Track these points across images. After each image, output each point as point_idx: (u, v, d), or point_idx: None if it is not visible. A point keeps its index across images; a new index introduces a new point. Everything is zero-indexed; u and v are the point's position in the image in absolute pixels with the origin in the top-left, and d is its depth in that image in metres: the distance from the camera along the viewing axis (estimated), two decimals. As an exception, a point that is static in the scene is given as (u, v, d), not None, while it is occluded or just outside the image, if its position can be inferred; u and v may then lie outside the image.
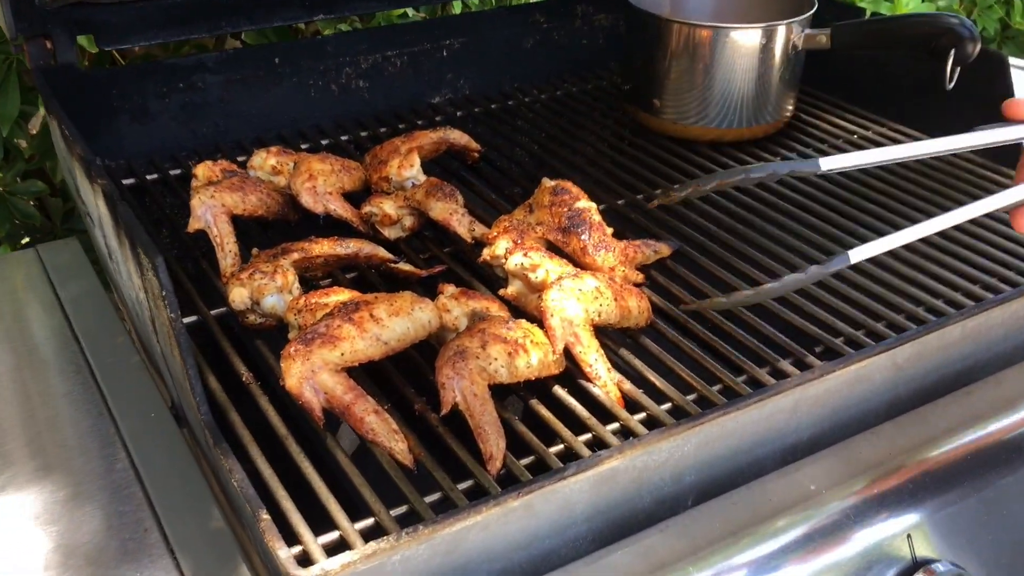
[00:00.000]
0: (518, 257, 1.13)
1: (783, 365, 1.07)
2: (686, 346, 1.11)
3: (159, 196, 1.45)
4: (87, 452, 1.07)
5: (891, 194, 1.43)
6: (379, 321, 1.01)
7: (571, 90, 1.83)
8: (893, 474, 1.05)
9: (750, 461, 1.03)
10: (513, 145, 1.63)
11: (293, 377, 0.95)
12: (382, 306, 1.03)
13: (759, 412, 1.00)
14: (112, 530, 0.97)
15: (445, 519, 0.83)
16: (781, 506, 0.99)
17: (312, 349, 0.97)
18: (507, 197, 1.45)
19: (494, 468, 0.93)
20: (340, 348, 0.98)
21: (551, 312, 1.04)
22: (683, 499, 1.00)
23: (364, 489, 0.90)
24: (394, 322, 1.02)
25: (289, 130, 1.63)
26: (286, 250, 1.18)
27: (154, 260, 0.93)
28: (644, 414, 1.01)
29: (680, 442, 0.95)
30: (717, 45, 1.52)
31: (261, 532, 0.82)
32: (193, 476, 1.04)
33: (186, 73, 1.56)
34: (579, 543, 0.94)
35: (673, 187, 1.12)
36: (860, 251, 1.03)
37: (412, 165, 1.38)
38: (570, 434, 0.97)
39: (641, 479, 0.95)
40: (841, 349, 1.09)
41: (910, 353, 1.10)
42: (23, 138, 1.97)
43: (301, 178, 1.33)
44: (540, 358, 1.03)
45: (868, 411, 1.11)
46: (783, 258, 1.27)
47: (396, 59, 1.74)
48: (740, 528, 0.96)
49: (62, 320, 1.29)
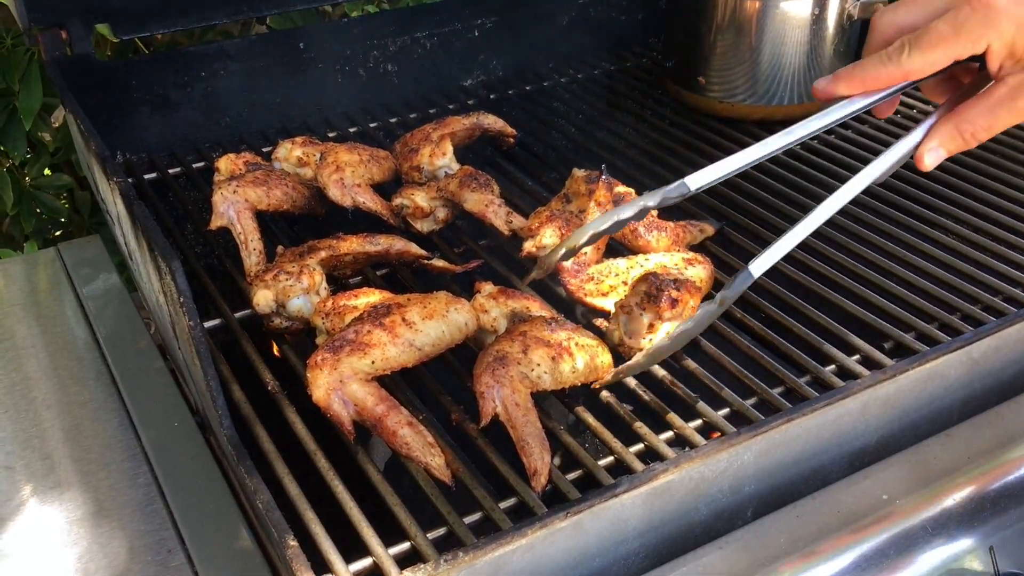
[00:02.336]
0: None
1: (850, 363, 0.99)
2: (743, 344, 1.03)
3: (182, 191, 1.40)
4: (108, 465, 1.02)
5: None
6: (412, 325, 0.94)
7: (609, 69, 1.75)
8: (971, 480, 0.97)
9: (814, 468, 0.96)
10: (549, 129, 1.56)
11: (320, 388, 0.89)
12: (415, 308, 0.96)
13: (825, 416, 0.93)
14: (134, 551, 0.91)
15: (487, 544, 0.77)
16: (851, 517, 0.92)
17: (340, 357, 0.90)
18: (544, 184, 1.38)
19: (539, 484, 0.86)
20: (371, 356, 0.91)
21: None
22: (742, 511, 0.93)
23: (398, 509, 0.84)
24: (428, 325, 0.95)
25: (315, 118, 1.58)
26: (313, 248, 1.11)
27: (171, 264, 0.87)
28: (700, 421, 0.94)
29: (740, 451, 0.88)
30: (766, 16, 1.44)
31: (288, 560, 0.76)
32: (219, 491, 0.98)
33: (207, 61, 1.51)
34: (631, 560, 0.87)
35: (545, 256, 1.00)
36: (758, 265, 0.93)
37: (444, 153, 1.31)
38: (620, 445, 0.90)
39: (698, 491, 0.88)
40: (913, 345, 1.01)
41: (987, 347, 1.02)
42: (47, 131, 1.93)
43: (328, 170, 1.26)
44: (587, 362, 0.95)
45: (940, 410, 1.03)
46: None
47: (426, 41, 1.67)
48: (807, 543, 0.89)
49: (83, 323, 1.24)
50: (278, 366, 1.03)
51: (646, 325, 1.01)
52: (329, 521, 0.82)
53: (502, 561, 0.78)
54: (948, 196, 1.31)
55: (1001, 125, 0.88)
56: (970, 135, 0.89)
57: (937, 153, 0.90)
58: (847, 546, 0.89)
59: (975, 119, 0.88)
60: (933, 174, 1.35)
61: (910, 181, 1.34)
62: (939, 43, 0.84)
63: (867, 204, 1.29)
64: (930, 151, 0.90)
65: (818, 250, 1.19)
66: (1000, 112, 0.87)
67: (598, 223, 0.91)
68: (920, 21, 0.86)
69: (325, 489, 0.87)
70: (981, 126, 0.88)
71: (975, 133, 0.88)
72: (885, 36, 0.88)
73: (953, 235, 1.22)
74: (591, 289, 1.09)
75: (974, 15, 0.82)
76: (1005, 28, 0.81)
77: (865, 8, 1.44)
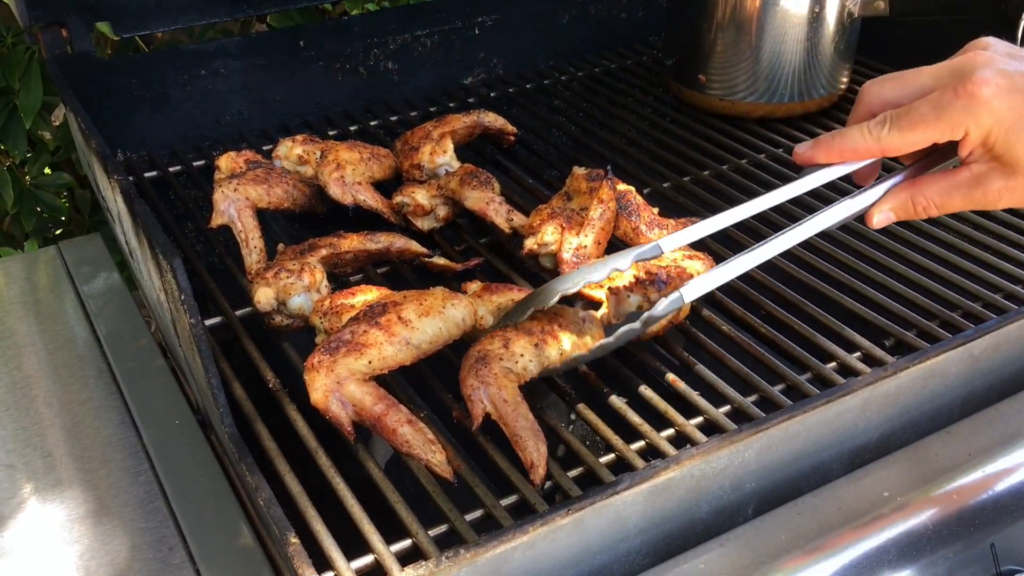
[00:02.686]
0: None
1: (851, 360, 0.99)
2: (744, 341, 1.03)
3: (182, 189, 1.40)
4: (109, 463, 1.02)
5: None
6: (408, 323, 0.94)
7: (610, 67, 1.75)
8: (972, 477, 0.96)
9: (815, 465, 0.96)
10: (550, 127, 1.56)
11: (318, 391, 0.89)
12: (411, 306, 0.95)
13: (826, 413, 0.92)
14: (135, 549, 0.91)
15: (488, 541, 0.77)
16: (852, 515, 0.92)
17: (337, 359, 0.90)
18: (545, 182, 1.38)
19: (537, 476, 0.86)
20: (367, 356, 0.91)
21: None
22: (743, 507, 0.93)
23: (400, 507, 0.84)
24: (424, 323, 0.95)
25: (316, 116, 1.58)
26: (313, 246, 1.11)
27: (172, 262, 0.87)
28: (701, 418, 0.94)
29: (741, 448, 0.88)
30: (766, 14, 1.43)
31: (290, 558, 0.76)
32: (220, 488, 0.98)
33: (207, 59, 1.51)
34: (632, 558, 0.87)
35: (511, 314, 0.99)
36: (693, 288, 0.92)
37: (445, 151, 1.31)
38: (621, 442, 0.90)
39: (699, 488, 0.88)
40: (914, 342, 1.01)
41: (988, 345, 1.02)
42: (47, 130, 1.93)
43: (329, 168, 1.26)
44: (573, 341, 0.95)
45: (941, 407, 1.03)
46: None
47: (426, 39, 1.67)
48: (808, 540, 0.89)
49: (84, 322, 1.24)
50: (279, 364, 1.03)
51: (635, 306, 1.00)
52: (330, 520, 0.82)
53: (503, 558, 0.77)
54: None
55: (954, 207, 0.89)
56: (922, 208, 0.90)
57: (887, 216, 0.92)
58: (848, 543, 0.89)
59: (931, 196, 0.89)
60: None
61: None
62: (919, 124, 0.84)
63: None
64: (881, 213, 0.92)
65: (819, 247, 1.19)
66: (955, 196, 0.88)
67: (565, 282, 0.93)
68: (906, 98, 0.86)
69: (326, 486, 0.87)
70: (934, 203, 0.89)
71: (927, 208, 0.90)
72: (871, 108, 0.89)
73: (954, 232, 1.22)
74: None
75: (957, 101, 0.82)
76: (984, 119, 0.81)
77: (865, 6, 1.44)
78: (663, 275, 1.01)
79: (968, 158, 0.85)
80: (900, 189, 0.91)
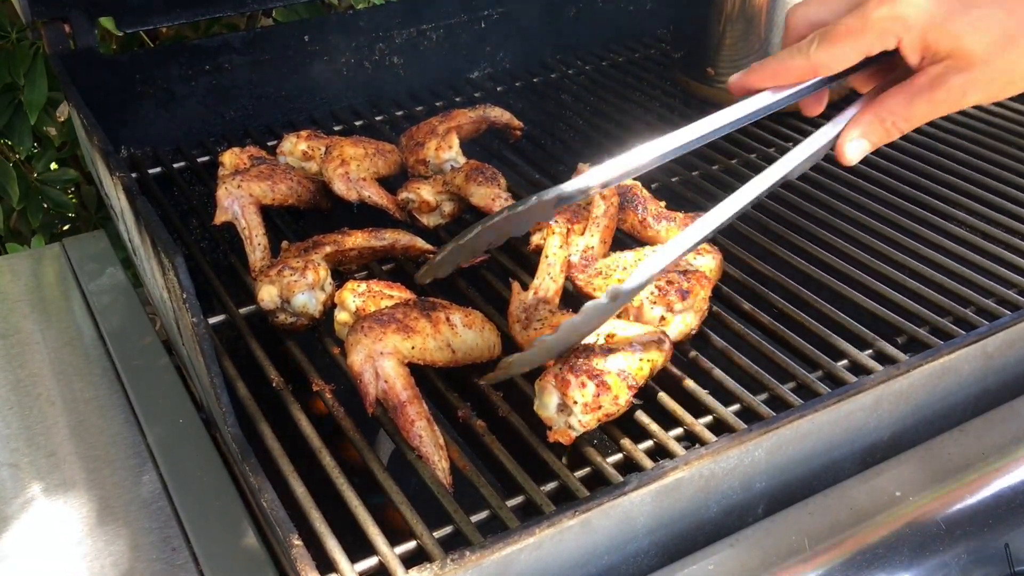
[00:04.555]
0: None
1: (862, 358, 0.98)
2: (753, 339, 1.02)
3: (186, 185, 1.39)
4: (113, 462, 1.01)
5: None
6: (454, 327, 0.97)
7: (617, 60, 1.73)
8: (986, 476, 0.95)
9: (826, 464, 0.95)
10: (557, 121, 1.55)
11: (359, 354, 0.90)
12: (458, 314, 0.98)
13: (837, 412, 0.91)
14: (139, 549, 0.91)
15: (494, 542, 0.76)
16: (864, 515, 0.90)
17: (386, 331, 0.92)
18: (552, 177, 1.36)
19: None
20: (413, 340, 0.93)
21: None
22: (753, 507, 0.92)
23: (404, 508, 0.83)
24: (467, 333, 0.98)
25: (321, 112, 1.57)
26: (318, 243, 1.10)
27: (174, 259, 0.86)
28: (710, 417, 0.92)
29: (751, 448, 0.87)
30: (775, 6, 1.42)
31: (293, 559, 0.75)
32: (225, 488, 0.97)
33: (212, 55, 1.49)
34: (641, 558, 0.86)
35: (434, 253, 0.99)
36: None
37: (451, 147, 1.30)
38: (629, 442, 0.89)
39: (708, 488, 0.87)
40: (926, 339, 0.99)
41: (1002, 342, 1.00)
42: (52, 126, 1.92)
43: (333, 164, 1.25)
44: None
45: (954, 405, 1.02)
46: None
47: (432, 33, 1.65)
48: (819, 540, 0.88)
49: (88, 319, 1.23)
50: (283, 362, 1.02)
51: (657, 318, 0.99)
52: (334, 521, 0.81)
53: (510, 560, 0.76)
54: (961, 188, 1.29)
55: (920, 116, 0.85)
56: (891, 124, 0.86)
57: (859, 144, 0.87)
58: (860, 543, 0.88)
59: (895, 109, 0.85)
60: (946, 165, 1.33)
61: (923, 172, 1.33)
62: (847, 37, 0.82)
63: (878, 196, 1.27)
64: (851, 141, 0.87)
65: (830, 243, 1.18)
66: (919, 102, 0.84)
67: (489, 218, 0.90)
68: (832, 16, 0.84)
69: (331, 487, 0.86)
70: (902, 116, 0.85)
71: (896, 122, 0.86)
72: (799, 31, 0.87)
73: (967, 227, 1.20)
74: (600, 284, 1.07)
75: (880, 8, 0.80)
76: (913, 22, 0.79)
77: (877, -3, 1.41)
78: (681, 284, 0.99)
79: (920, 65, 0.82)
80: (863, 113, 0.87)
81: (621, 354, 0.91)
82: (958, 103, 0.83)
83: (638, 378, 0.91)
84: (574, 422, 0.88)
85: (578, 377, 0.87)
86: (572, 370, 0.88)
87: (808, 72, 0.85)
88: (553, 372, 0.89)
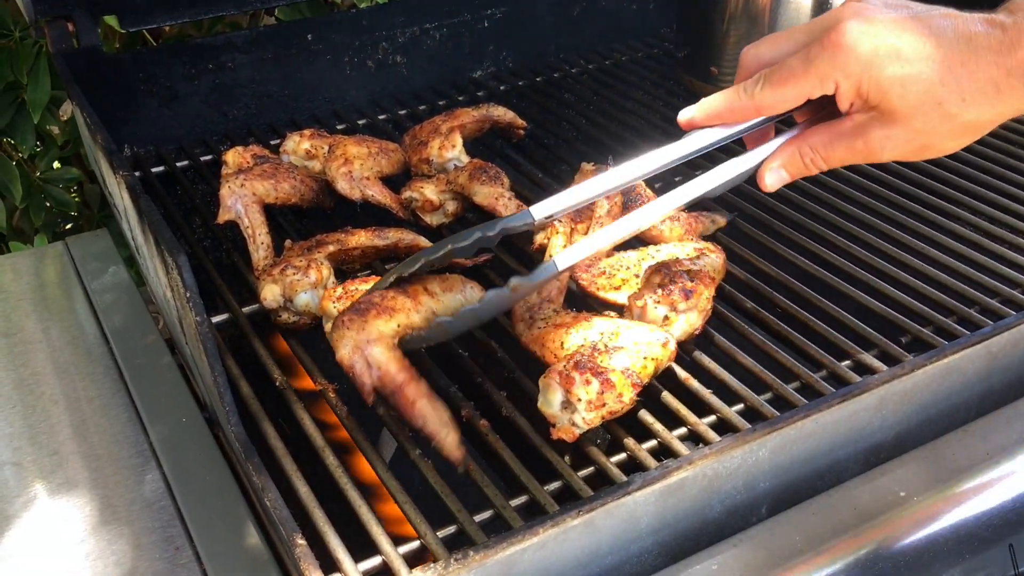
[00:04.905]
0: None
1: (866, 358, 0.97)
2: (757, 338, 1.02)
3: (189, 184, 1.39)
4: (116, 462, 1.01)
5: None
6: (433, 295, 0.96)
7: (621, 59, 1.73)
8: (990, 476, 0.95)
9: (829, 464, 0.94)
10: (560, 120, 1.55)
11: (346, 347, 0.89)
12: (435, 281, 0.97)
13: (841, 412, 0.91)
14: (141, 548, 0.91)
15: (498, 542, 0.76)
16: (868, 515, 0.90)
17: (367, 319, 0.90)
18: (555, 176, 1.36)
19: None
20: (395, 319, 0.92)
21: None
22: (756, 507, 0.91)
23: (408, 507, 0.83)
24: (448, 297, 0.97)
25: (324, 111, 1.57)
26: (321, 242, 1.10)
27: (177, 258, 0.86)
28: (714, 417, 0.92)
29: (755, 447, 0.87)
30: (779, 5, 1.41)
31: (297, 559, 0.75)
32: (228, 488, 0.97)
33: (215, 53, 1.50)
34: (644, 558, 0.86)
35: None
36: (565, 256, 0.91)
37: (454, 146, 1.30)
38: (633, 442, 0.89)
39: (711, 488, 0.87)
40: (931, 339, 0.99)
41: (1006, 341, 1.00)
42: (55, 124, 1.92)
43: (336, 163, 1.25)
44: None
45: (958, 405, 1.01)
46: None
47: (435, 31, 1.65)
48: (822, 541, 0.88)
49: (91, 318, 1.23)
50: (286, 361, 1.02)
51: (661, 318, 0.99)
52: (337, 520, 0.81)
53: (513, 559, 0.76)
54: (965, 187, 1.28)
55: (837, 159, 0.87)
56: (809, 160, 0.88)
57: (778, 174, 0.90)
58: (864, 544, 0.88)
59: (816, 147, 0.87)
60: (950, 165, 1.33)
61: (927, 172, 1.32)
62: (790, 79, 0.83)
63: (883, 196, 1.27)
64: (771, 170, 0.89)
65: (833, 243, 1.17)
66: (839, 146, 0.86)
67: (432, 251, 0.92)
68: (782, 57, 0.85)
69: (334, 486, 0.86)
70: (820, 155, 0.87)
71: (813, 160, 0.88)
72: (749, 70, 0.88)
73: (971, 227, 1.20)
74: (603, 284, 1.07)
75: (823, 53, 0.80)
76: (852, 68, 0.80)
77: (881, -4, 1.41)
78: (684, 283, 0.99)
79: (850, 109, 0.83)
80: (787, 144, 0.89)
81: (625, 352, 0.91)
82: (875, 155, 0.85)
83: (642, 376, 0.91)
84: (578, 419, 0.88)
85: (582, 374, 0.87)
86: (576, 367, 0.88)
87: (752, 112, 0.87)
88: (557, 369, 0.89)
